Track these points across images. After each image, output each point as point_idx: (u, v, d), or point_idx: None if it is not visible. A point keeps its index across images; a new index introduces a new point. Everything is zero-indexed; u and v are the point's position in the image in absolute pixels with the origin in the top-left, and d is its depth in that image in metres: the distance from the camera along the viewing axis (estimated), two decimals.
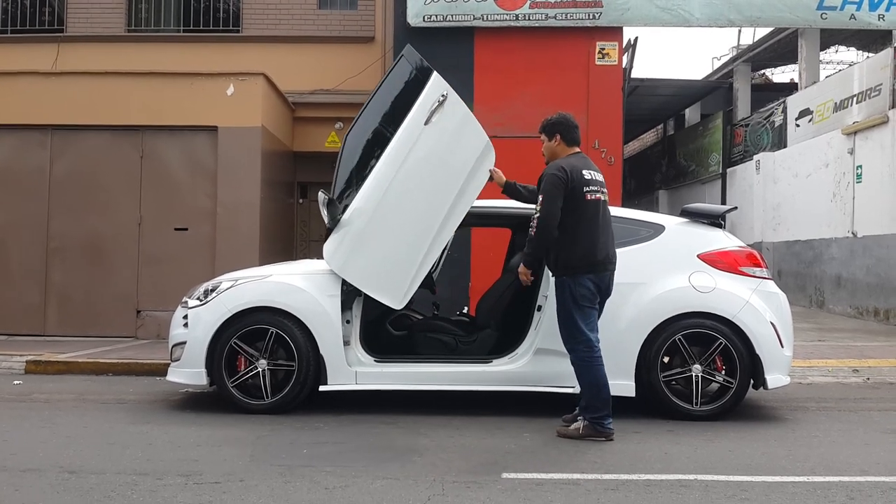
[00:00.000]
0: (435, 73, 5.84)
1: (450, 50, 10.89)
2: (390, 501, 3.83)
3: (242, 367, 5.85)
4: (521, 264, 5.38)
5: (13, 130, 10.20)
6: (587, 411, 5.17)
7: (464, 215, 5.91)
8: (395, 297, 5.75)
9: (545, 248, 5.22)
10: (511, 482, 4.18)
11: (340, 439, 5.13)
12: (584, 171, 5.22)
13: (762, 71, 21.69)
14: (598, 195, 5.23)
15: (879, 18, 10.56)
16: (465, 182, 5.82)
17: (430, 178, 5.75)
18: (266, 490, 4.00)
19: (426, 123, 5.67)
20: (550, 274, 5.46)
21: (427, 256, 5.77)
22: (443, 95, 5.71)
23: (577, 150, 5.44)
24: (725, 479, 4.24)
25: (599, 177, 5.31)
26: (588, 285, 5.16)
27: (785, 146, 15.36)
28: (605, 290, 5.28)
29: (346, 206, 5.73)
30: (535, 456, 4.75)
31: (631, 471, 4.40)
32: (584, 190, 5.17)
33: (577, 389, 5.68)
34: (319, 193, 5.70)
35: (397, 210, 5.70)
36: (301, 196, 13.29)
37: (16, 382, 7.35)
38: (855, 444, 5.11)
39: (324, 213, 5.72)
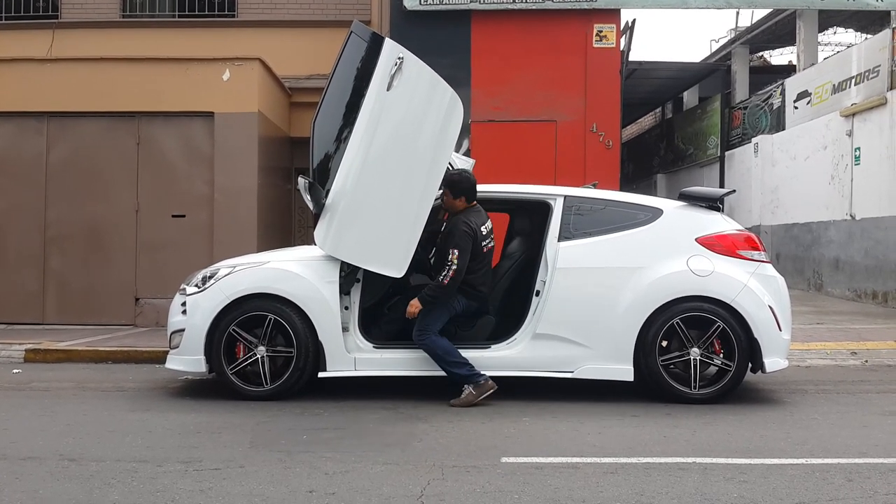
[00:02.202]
0: (387, 39, 5.83)
1: (446, 34, 10.84)
2: (390, 486, 3.84)
3: (241, 353, 5.85)
4: (417, 299, 5.75)
5: (9, 118, 10.15)
6: (465, 377, 5.68)
7: (444, 170, 5.90)
8: (394, 265, 5.73)
9: (452, 295, 5.77)
10: (510, 466, 4.19)
11: (340, 425, 5.14)
12: (482, 227, 5.87)
13: (760, 53, 21.62)
14: (490, 245, 5.97)
15: None
16: (439, 138, 5.81)
17: (404, 142, 5.74)
18: (266, 476, 4.01)
19: (388, 90, 5.63)
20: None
21: (417, 219, 5.74)
22: (399, 58, 5.65)
23: (475, 204, 5.97)
24: (724, 462, 4.25)
25: (490, 225, 5.99)
26: (464, 304, 5.89)
27: (783, 129, 15.31)
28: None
29: (328, 191, 5.72)
30: (535, 440, 4.76)
31: (630, 454, 4.42)
32: (482, 244, 5.85)
33: (576, 374, 5.74)
34: (299, 179, 5.69)
35: (378, 181, 5.69)
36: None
37: (15, 371, 7.36)
38: (853, 427, 5.12)
39: (307, 198, 5.71)
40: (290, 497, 3.69)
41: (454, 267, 5.65)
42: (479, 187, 6.21)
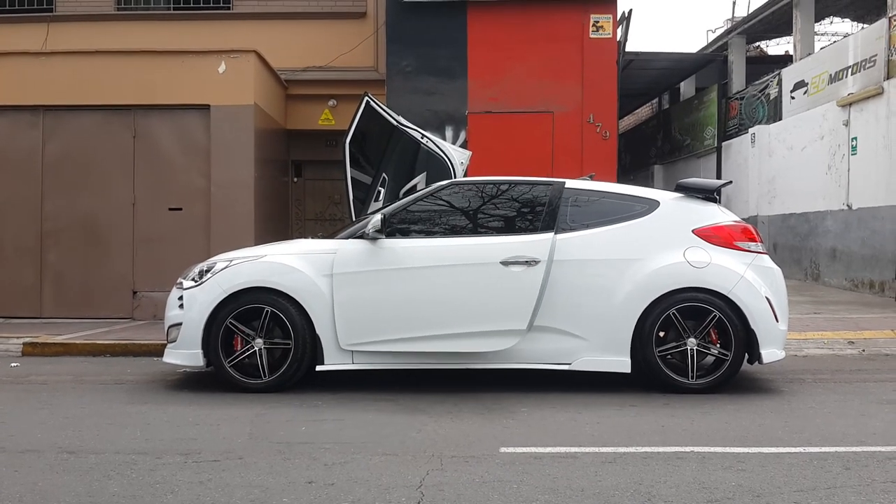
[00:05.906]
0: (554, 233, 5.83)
1: (442, 24, 10.83)
2: (389, 477, 3.85)
3: (239, 346, 5.85)
4: None
5: (4, 111, 10.14)
6: None
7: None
8: (345, 341, 5.76)
9: None
10: (509, 456, 4.20)
11: (339, 416, 5.15)
12: None
13: (757, 43, 21.60)
14: None
15: None
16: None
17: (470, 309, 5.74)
18: (265, 467, 4.01)
19: (504, 264, 5.68)
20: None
21: (406, 343, 5.76)
22: (534, 261, 5.69)
23: None
24: (722, 451, 4.27)
25: None
26: None
27: (780, 119, 15.31)
28: None
29: (396, 230, 5.89)
30: (533, 430, 4.77)
31: (628, 444, 4.43)
32: None
33: (573, 366, 5.74)
34: (377, 215, 5.76)
35: (425, 294, 5.75)
36: (295, 174, 13.24)
37: (13, 365, 7.36)
38: (851, 415, 5.14)
39: (370, 223, 5.77)
40: (289, 488, 3.70)
41: None
42: (476, 179, 6.23)
